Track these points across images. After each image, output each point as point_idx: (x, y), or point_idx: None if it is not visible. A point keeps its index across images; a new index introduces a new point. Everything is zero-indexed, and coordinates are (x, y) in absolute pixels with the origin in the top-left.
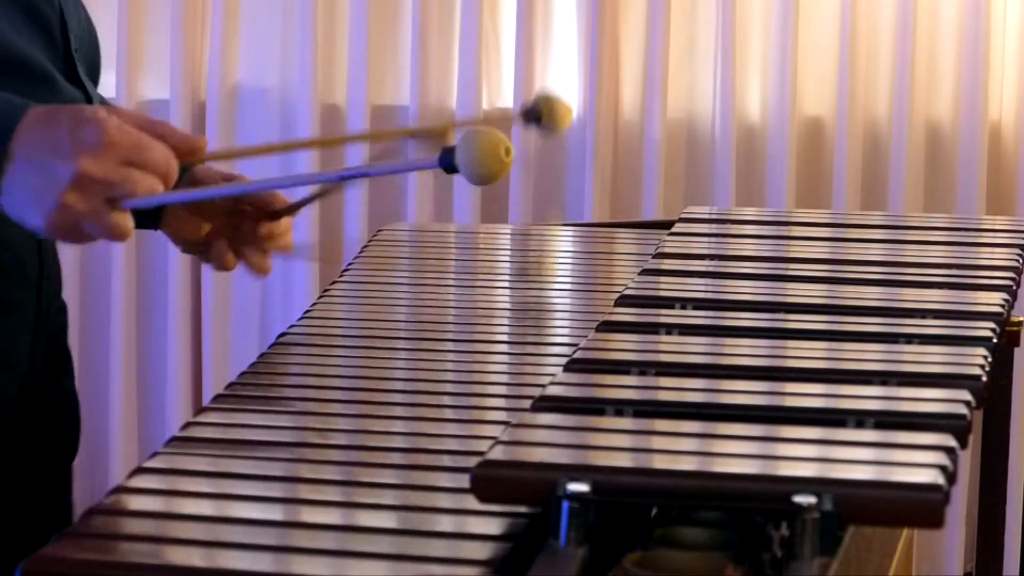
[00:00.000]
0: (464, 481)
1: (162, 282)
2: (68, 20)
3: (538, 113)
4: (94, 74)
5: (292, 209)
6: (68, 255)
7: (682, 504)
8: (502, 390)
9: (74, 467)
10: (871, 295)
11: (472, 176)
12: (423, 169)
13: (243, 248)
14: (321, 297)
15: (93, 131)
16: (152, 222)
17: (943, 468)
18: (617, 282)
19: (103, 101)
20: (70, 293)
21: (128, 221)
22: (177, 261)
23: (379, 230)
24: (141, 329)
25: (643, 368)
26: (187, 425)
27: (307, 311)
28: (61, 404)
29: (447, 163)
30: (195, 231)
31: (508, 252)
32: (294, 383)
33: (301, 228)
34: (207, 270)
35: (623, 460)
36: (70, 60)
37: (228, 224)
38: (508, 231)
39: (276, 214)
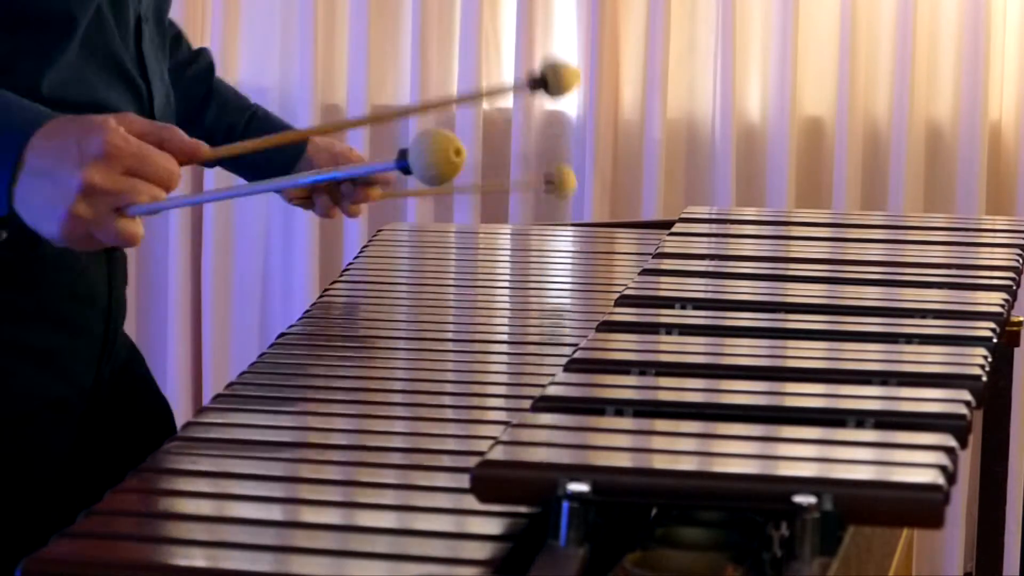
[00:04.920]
0: (464, 481)
1: (162, 282)
2: (155, 96)
3: (545, 81)
4: None
5: (390, 183)
6: None
7: (682, 504)
8: (502, 390)
9: None
10: (871, 295)
11: (423, 177)
12: (383, 171)
13: (347, 203)
14: (321, 297)
15: (97, 142)
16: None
17: (943, 468)
18: (617, 282)
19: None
20: None
21: (137, 227)
22: (177, 261)
23: (379, 230)
24: (141, 329)
25: (643, 368)
26: (187, 425)
27: (307, 311)
28: (142, 400)
29: (403, 165)
30: (305, 192)
31: (508, 252)
32: (294, 383)
33: (301, 225)
34: (207, 270)
35: (623, 460)
36: None
37: (334, 187)
38: (508, 231)
39: (377, 182)
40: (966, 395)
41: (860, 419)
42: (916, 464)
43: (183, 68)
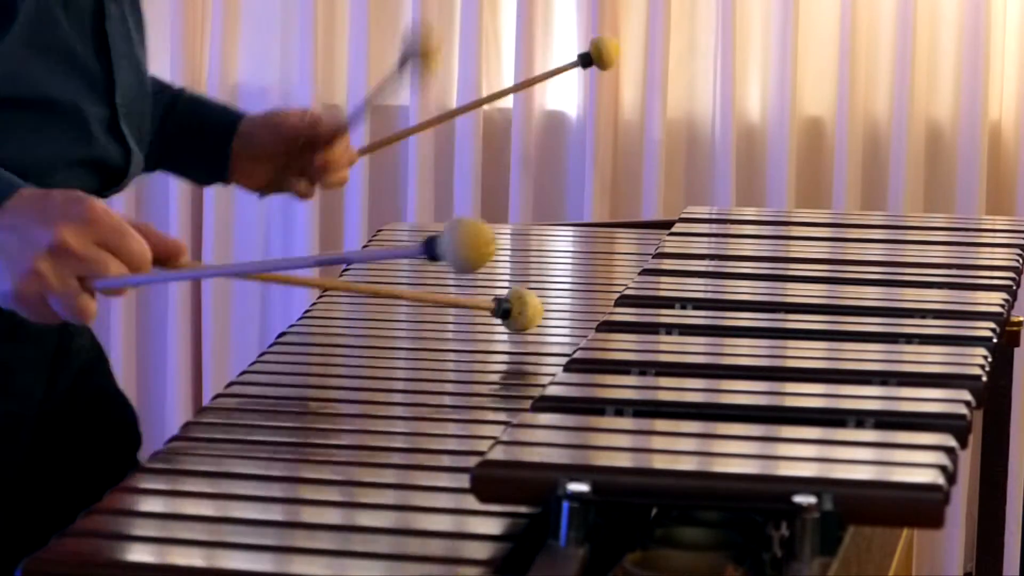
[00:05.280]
0: (464, 481)
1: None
2: (117, 80)
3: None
4: (141, 138)
5: (345, 128)
6: None
7: (682, 504)
8: (502, 390)
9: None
10: (871, 295)
11: (455, 264)
12: (407, 257)
13: (315, 174)
14: (321, 297)
15: (80, 206)
16: (223, 178)
17: (943, 468)
18: (617, 282)
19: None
20: None
21: (92, 306)
22: None
23: (379, 230)
24: (141, 329)
25: (643, 368)
26: (187, 425)
27: (307, 311)
28: (102, 408)
29: (431, 252)
30: (265, 176)
31: (508, 252)
32: (294, 383)
33: (301, 226)
34: None
35: (623, 460)
36: (114, 115)
37: (293, 159)
38: (508, 231)
39: (332, 138)
40: (966, 395)
41: (860, 419)
42: (916, 464)
43: None
